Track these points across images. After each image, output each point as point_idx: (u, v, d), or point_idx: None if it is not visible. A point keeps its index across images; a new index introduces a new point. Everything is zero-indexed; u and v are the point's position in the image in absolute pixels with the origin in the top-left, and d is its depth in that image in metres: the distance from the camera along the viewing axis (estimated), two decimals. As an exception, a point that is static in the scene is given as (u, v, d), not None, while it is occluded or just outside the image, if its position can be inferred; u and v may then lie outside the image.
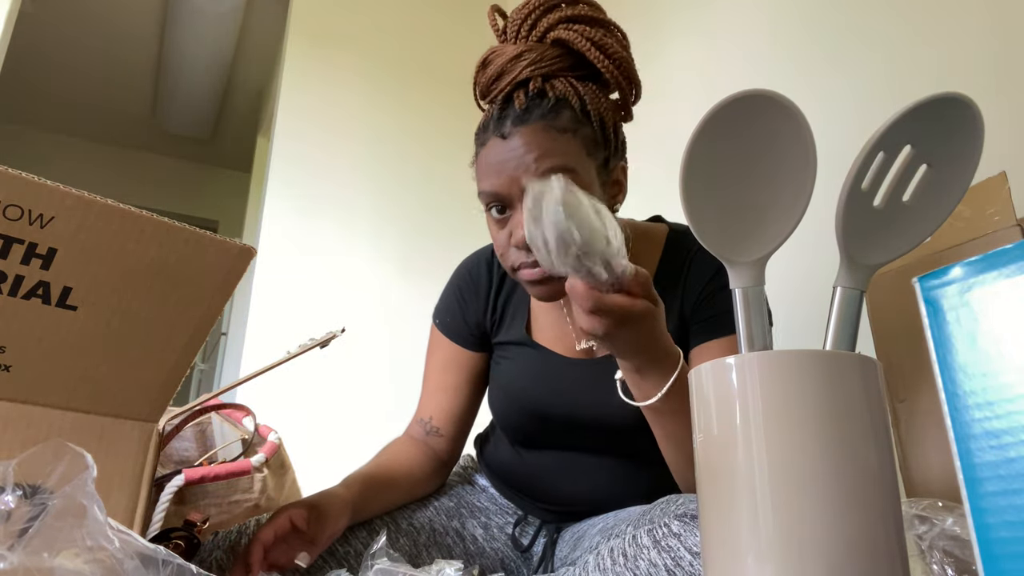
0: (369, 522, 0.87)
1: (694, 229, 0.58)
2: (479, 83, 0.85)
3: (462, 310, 0.98)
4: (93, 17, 3.55)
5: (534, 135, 0.78)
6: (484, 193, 0.82)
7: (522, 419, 0.92)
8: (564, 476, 0.92)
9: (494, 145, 0.80)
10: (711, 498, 0.51)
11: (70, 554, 0.40)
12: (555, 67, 0.80)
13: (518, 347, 0.94)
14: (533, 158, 0.77)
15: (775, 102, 0.55)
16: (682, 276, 0.88)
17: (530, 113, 0.79)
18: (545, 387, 0.90)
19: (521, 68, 0.80)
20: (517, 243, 0.79)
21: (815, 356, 0.50)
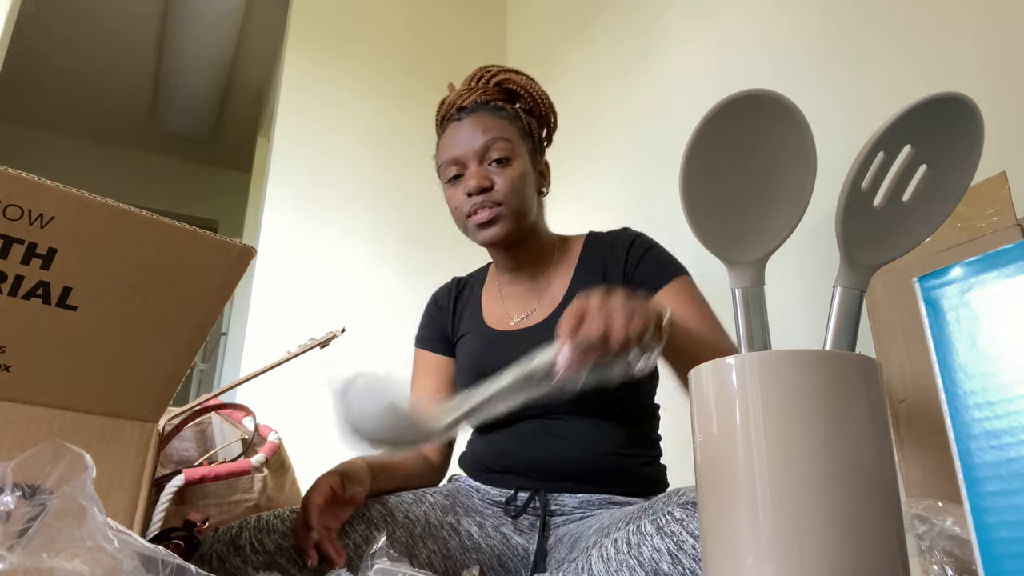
0: (367, 515, 0.88)
1: (694, 229, 0.58)
2: (439, 114, 1.11)
3: (430, 323, 1.18)
4: (93, 17, 3.55)
5: (482, 116, 1.04)
6: (445, 161, 1.04)
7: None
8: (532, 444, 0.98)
9: (452, 127, 1.05)
10: (711, 498, 0.51)
11: (70, 554, 0.40)
12: (498, 98, 1.07)
13: (470, 333, 1.10)
14: (483, 128, 1.02)
15: (775, 102, 0.56)
16: (601, 263, 1.05)
17: (478, 108, 1.05)
18: (489, 356, 1.03)
19: (472, 95, 1.07)
20: (470, 190, 1.01)
21: (815, 356, 0.50)
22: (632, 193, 1.91)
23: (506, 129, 1.03)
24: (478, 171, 1.01)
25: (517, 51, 2.79)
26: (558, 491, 0.96)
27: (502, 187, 1.00)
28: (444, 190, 1.07)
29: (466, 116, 1.04)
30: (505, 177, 1.01)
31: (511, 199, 1.01)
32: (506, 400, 0.72)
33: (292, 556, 0.79)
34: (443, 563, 0.90)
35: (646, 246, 1.04)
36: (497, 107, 1.05)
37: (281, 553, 0.79)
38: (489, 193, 1.00)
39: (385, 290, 2.39)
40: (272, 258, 2.27)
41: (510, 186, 1.01)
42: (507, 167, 1.01)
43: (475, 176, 1.00)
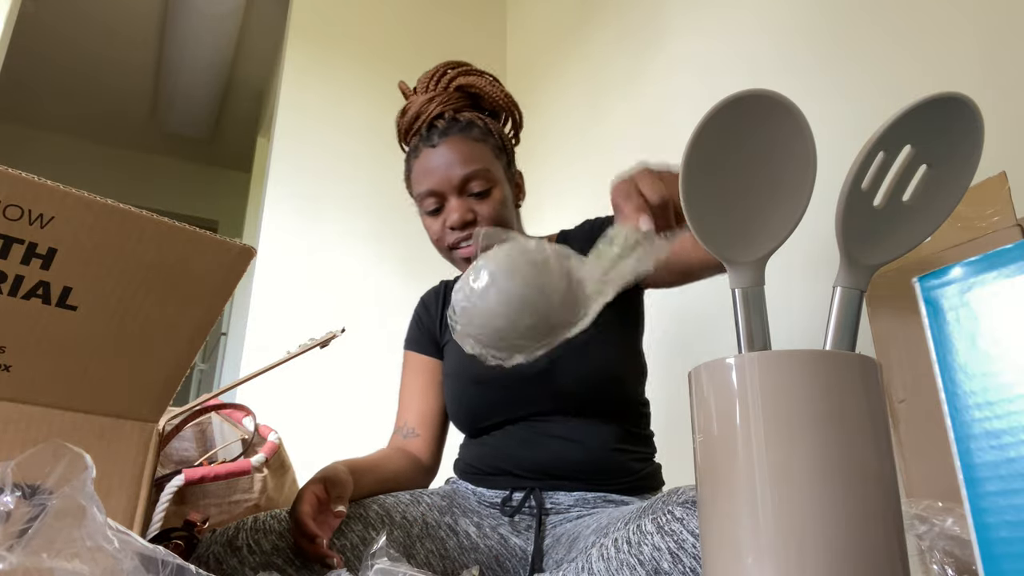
0: (364, 516, 0.88)
1: (694, 229, 0.58)
2: (401, 127, 1.09)
3: (419, 327, 1.19)
4: (93, 17, 3.55)
5: (456, 143, 1.01)
6: (423, 192, 1.03)
7: (464, 391, 1.04)
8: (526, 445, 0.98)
9: (426, 153, 1.03)
10: (711, 498, 0.51)
11: (70, 554, 0.40)
12: (460, 105, 1.05)
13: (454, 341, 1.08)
14: (459, 160, 1.00)
15: (775, 102, 0.55)
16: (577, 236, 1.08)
17: (450, 130, 1.02)
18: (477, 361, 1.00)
19: (435, 106, 1.04)
20: (452, 224, 1.00)
21: (815, 356, 0.50)
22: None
23: (483, 156, 1.02)
24: (459, 204, 1.00)
25: (517, 51, 2.79)
26: (552, 489, 0.96)
27: (486, 218, 1.01)
28: (422, 217, 1.06)
29: (439, 142, 1.01)
30: (487, 207, 1.01)
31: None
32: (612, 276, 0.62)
33: (289, 556, 0.79)
34: (441, 563, 0.90)
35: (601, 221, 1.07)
36: (468, 125, 1.03)
37: (278, 553, 0.79)
38: (472, 226, 1.00)
39: (385, 290, 2.39)
40: (272, 258, 2.27)
41: (493, 216, 1.01)
42: (488, 197, 1.01)
43: (457, 210, 1.00)
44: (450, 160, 1.00)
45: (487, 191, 1.01)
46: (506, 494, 0.99)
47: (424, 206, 1.04)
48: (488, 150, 1.03)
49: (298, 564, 0.79)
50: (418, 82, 1.09)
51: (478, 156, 1.01)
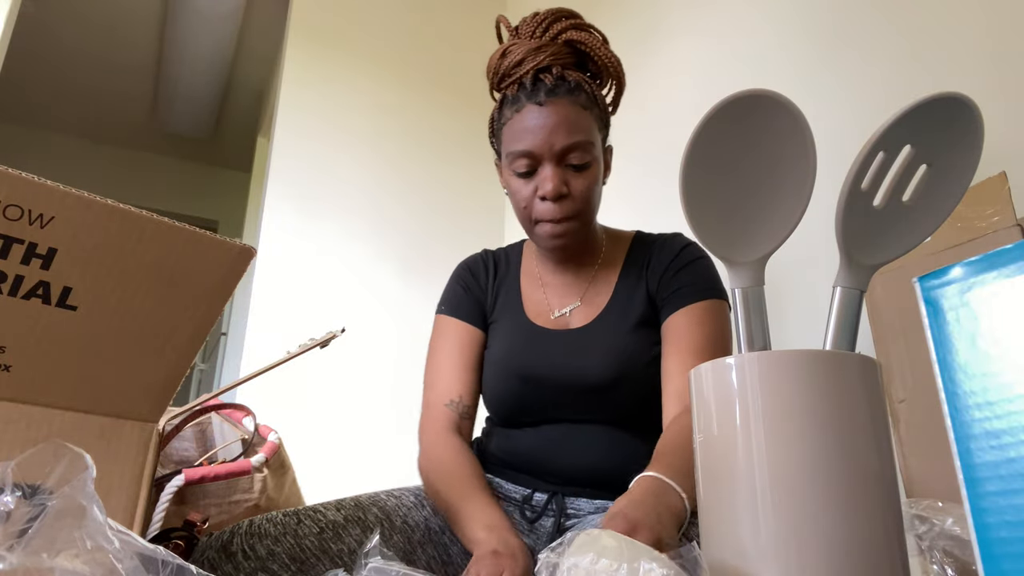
0: (363, 519, 0.87)
1: (693, 229, 0.58)
2: (499, 69, 0.98)
3: (466, 292, 1.09)
4: (93, 17, 3.55)
5: (564, 107, 0.93)
6: (517, 152, 0.95)
7: (509, 385, 0.99)
8: (560, 449, 0.96)
9: (531, 110, 0.94)
10: (711, 498, 0.51)
11: (70, 555, 0.40)
12: (567, 62, 0.97)
13: (507, 322, 1.04)
14: (566, 127, 0.93)
15: (775, 102, 0.55)
16: (646, 264, 1.02)
17: (559, 88, 0.94)
18: (528, 352, 0.99)
19: (543, 58, 0.95)
20: (546, 194, 0.93)
21: (815, 356, 0.50)
22: (632, 193, 1.91)
23: (588, 127, 0.94)
24: (556, 174, 0.93)
25: (517, 51, 2.79)
26: (575, 495, 0.95)
27: (579, 195, 0.94)
28: (508, 177, 0.98)
29: (546, 100, 0.93)
30: (582, 183, 0.94)
31: (586, 208, 0.96)
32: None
33: (284, 561, 0.78)
34: (443, 569, 0.89)
35: (691, 257, 1.00)
36: (576, 88, 0.94)
37: (273, 558, 0.78)
38: (564, 201, 0.94)
39: (385, 290, 2.39)
40: (272, 258, 2.27)
41: (587, 194, 0.95)
42: (585, 172, 0.95)
43: (552, 179, 0.93)
44: (555, 124, 0.92)
45: (586, 165, 0.94)
46: (526, 493, 0.97)
47: (515, 166, 0.96)
48: (593, 121, 0.96)
49: (293, 569, 0.78)
50: (522, 23, 1.00)
51: (584, 126, 0.94)
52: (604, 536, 0.46)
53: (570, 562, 0.45)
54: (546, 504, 0.95)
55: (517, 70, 0.96)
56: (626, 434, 0.95)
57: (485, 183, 2.63)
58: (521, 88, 0.95)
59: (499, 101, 1.00)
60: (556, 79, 0.94)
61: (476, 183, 2.63)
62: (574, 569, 0.44)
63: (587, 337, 0.98)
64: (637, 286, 1.00)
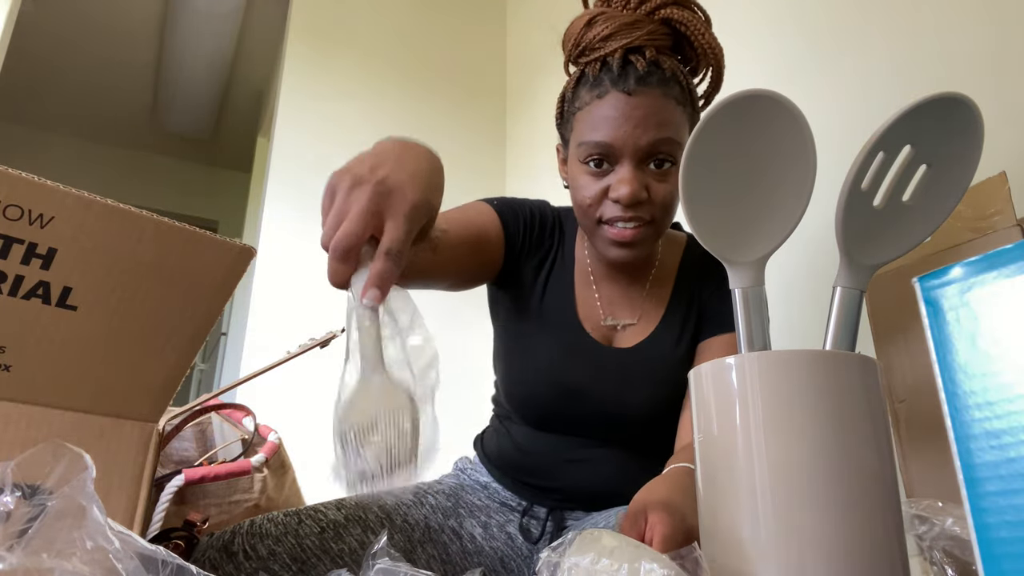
0: (364, 519, 0.87)
1: (693, 229, 0.58)
2: (582, 41, 0.86)
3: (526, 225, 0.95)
4: (93, 17, 3.55)
5: (655, 99, 0.81)
6: (593, 142, 0.82)
7: (549, 392, 0.92)
8: (570, 464, 0.94)
9: (616, 98, 0.81)
10: (711, 498, 0.51)
11: (70, 555, 0.40)
12: (664, 44, 0.84)
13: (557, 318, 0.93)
14: (655, 122, 0.81)
15: (775, 102, 0.56)
16: (704, 271, 0.94)
17: (652, 77, 0.81)
18: (578, 365, 0.91)
19: (637, 35, 0.82)
20: (621, 199, 0.81)
21: (815, 356, 0.50)
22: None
23: (677, 125, 0.83)
24: (636, 176, 0.81)
25: (517, 51, 2.79)
26: (572, 509, 0.95)
27: (660, 202, 0.83)
28: (574, 169, 0.86)
29: (636, 89, 0.80)
30: (664, 189, 0.83)
31: (662, 217, 0.84)
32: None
33: (285, 561, 0.79)
34: (442, 568, 0.89)
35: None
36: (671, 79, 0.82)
37: (274, 558, 0.78)
38: (641, 206, 0.82)
39: (385, 290, 2.39)
40: (272, 258, 2.27)
41: (668, 200, 0.83)
42: (667, 178, 0.83)
43: (631, 183, 0.81)
44: (644, 117, 0.80)
45: (669, 170, 0.83)
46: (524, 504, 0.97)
47: (584, 153, 0.83)
48: (685, 119, 0.84)
49: (294, 569, 0.79)
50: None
51: (675, 123, 0.82)
52: (605, 536, 0.46)
53: (571, 562, 0.45)
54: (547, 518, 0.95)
55: (604, 45, 0.83)
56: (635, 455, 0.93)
57: (485, 184, 2.63)
58: (605, 69, 0.83)
59: (575, 78, 0.88)
60: (649, 64, 0.81)
61: (476, 184, 2.63)
62: (575, 569, 0.44)
63: (637, 363, 0.90)
64: (690, 306, 0.93)
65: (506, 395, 0.99)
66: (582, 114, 0.85)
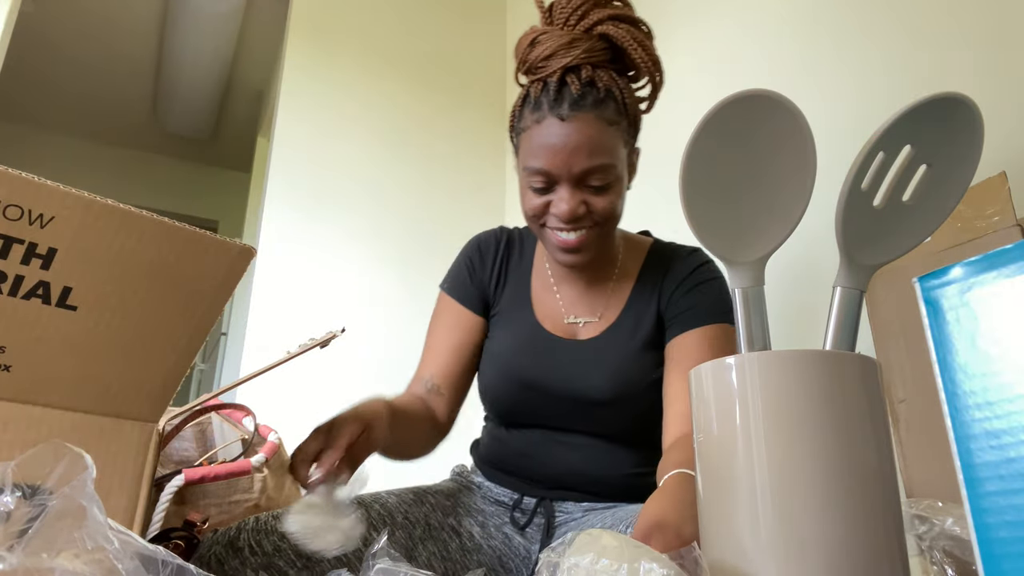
0: (366, 516, 0.88)
1: (693, 229, 0.58)
2: (526, 59, 0.91)
3: (470, 274, 1.05)
4: (93, 17, 3.55)
5: (588, 124, 0.86)
6: (534, 168, 0.89)
7: (510, 387, 0.98)
8: (550, 454, 0.96)
9: (551, 125, 0.87)
10: (711, 498, 0.51)
11: (70, 555, 0.40)
12: (600, 59, 0.88)
13: (514, 318, 1.01)
14: (586, 149, 0.86)
15: (775, 102, 0.55)
16: (661, 279, 0.98)
17: (585, 100, 0.86)
18: (532, 358, 0.97)
19: (575, 55, 0.87)
20: (561, 216, 0.88)
21: (815, 356, 0.50)
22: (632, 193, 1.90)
23: (612, 146, 0.88)
24: (572, 196, 0.88)
25: (517, 51, 2.79)
26: (562, 499, 0.96)
27: (598, 213, 0.89)
28: (521, 183, 0.93)
29: (570, 115, 0.85)
30: (601, 203, 0.89)
31: (604, 223, 0.91)
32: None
33: (290, 558, 0.79)
34: (443, 565, 0.90)
35: (705, 278, 0.96)
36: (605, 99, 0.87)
37: (279, 554, 0.79)
38: (581, 220, 0.89)
39: (384, 289, 2.39)
40: (272, 258, 2.27)
41: (607, 212, 0.90)
42: (606, 192, 0.89)
43: (568, 202, 0.87)
44: (576, 145, 0.85)
45: (606, 186, 0.89)
46: (515, 497, 0.98)
47: (529, 180, 0.90)
48: (619, 135, 0.89)
49: (299, 565, 0.79)
50: (556, 4, 0.90)
51: (606, 146, 0.87)
52: (604, 536, 0.46)
53: (571, 562, 0.45)
54: (535, 508, 0.96)
55: (545, 65, 0.88)
56: (613, 445, 0.96)
57: (485, 182, 2.63)
58: (544, 92, 0.88)
59: (521, 97, 0.93)
60: (584, 85, 0.86)
61: (476, 183, 2.63)
62: (574, 569, 0.44)
63: (594, 352, 0.96)
64: (649, 302, 0.97)
65: (481, 394, 1.04)
66: (525, 136, 0.91)
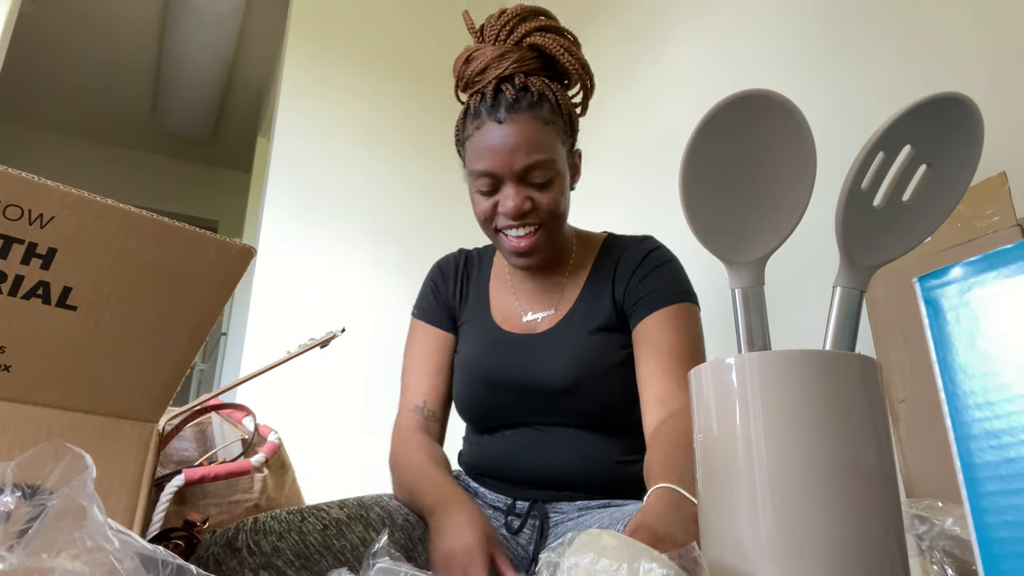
0: (365, 517, 0.88)
1: (693, 229, 0.58)
2: (463, 76, 0.97)
3: (435, 296, 1.10)
4: (93, 17, 3.55)
5: (525, 124, 0.92)
6: (478, 171, 0.94)
7: (475, 389, 1.01)
8: (532, 453, 0.97)
9: (491, 128, 0.93)
10: (711, 498, 0.51)
11: (70, 555, 0.40)
12: (532, 67, 0.94)
13: (475, 325, 1.06)
14: (525, 147, 0.91)
15: (775, 102, 0.55)
16: (614, 269, 1.01)
17: (520, 103, 0.92)
18: (492, 358, 1.01)
19: (506, 65, 0.93)
20: (508, 213, 0.93)
21: (815, 356, 0.50)
22: (632, 193, 1.90)
23: (550, 142, 0.93)
24: (517, 192, 0.93)
25: (517, 51, 2.79)
26: (554, 500, 0.96)
27: (543, 209, 0.94)
28: (470, 190, 0.99)
29: (507, 118, 0.91)
30: (546, 198, 0.94)
31: (550, 220, 0.95)
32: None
33: (288, 557, 0.79)
34: None
35: (659, 262, 0.99)
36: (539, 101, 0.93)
37: (278, 555, 0.79)
38: (528, 216, 0.94)
39: (384, 289, 2.39)
40: (272, 258, 2.27)
41: (551, 208, 0.94)
42: (548, 187, 0.94)
43: (514, 198, 0.92)
44: (515, 144, 0.91)
45: (548, 181, 0.94)
46: (508, 502, 0.98)
47: (476, 184, 0.96)
48: (556, 134, 0.94)
49: (297, 565, 0.79)
50: (487, 22, 0.97)
51: (545, 143, 0.92)
52: (604, 536, 0.46)
53: (571, 562, 0.45)
54: (528, 512, 0.96)
55: (480, 79, 0.94)
56: (592, 435, 0.96)
57: (485, 183, 2.63)
58: (483, 101, 0.94)
59: (463, 111, 0.99)
60: (518, 91, 0.92)
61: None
62: (574, 569, 0.44)
63: (548, 342, 0.99)
64: (603, 291, 1.00)
65: (456, 407, 1.07)
66: (469, 144, 0.96)
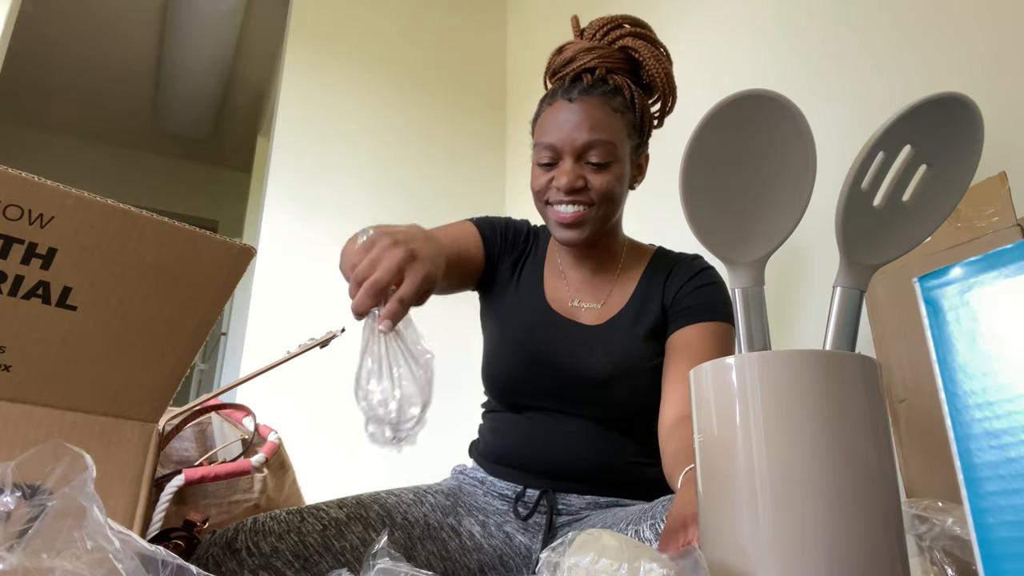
0: (365, 517, 0.88)
1: (693, 229, 0.58)
2: (552, 64, 1.04)
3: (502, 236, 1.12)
4: (93, 17, 3.55)
5: (592, 106, 0.96)
6: (542, 143, 0.99)
7: (513, 362, 1.02)
8: (549, 440, 0.98)
9: (561, 106, 0.98)
10: (711, 498, 0.51)
11: (70, 555, 0.40)
12: (616, 66, 1.00)
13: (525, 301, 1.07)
14: (588, 125, 0.95)
15: (775, 102, 0.56)
16: (665, 278, 1.04)
17: (594, 89, 0.97)
18: (539, 335, 1.03)
19: (591, 58, 0.99)
20: (560, 187, 0.96)
21: (815, 356, 0.50)
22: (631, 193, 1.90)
23: (613, 128, 0.96)
24: (572, 169, 0.96)
25: (517, 51, 2.79)
26: (565, 491, 0.96)
27: (595, 190, 0.96)
28: (533, 162, 1.02)
29: (577, 98, 0.96)
30: (600, 180, 0.96)
31: (601, 203, 0.97)
32: None
33: (287, 558, 0.79)
34: (442, 564, 0.90)
35: (705, 281, 1.02)
36: (614, 91, 0.97)
37: (277, 556, 0.79)
38: (579, 193, 0.96)
39: (385, 290, 2.39)
40: (272, 258, 2.27)
41: (604, 190, 0.97)
42: (604, 171, 0.97)
43: (568, 174, 0.95)
44: (579, 121, 0.95)
45: (605, 164, 0.96)
46: (518, 489, 0.98)
47: (539, 157, 1.00)
48: (623, 124, 0.98)
49: (297, 566, 0.79)
50: (588, 26, 1.03)
51: (609, 126, 0.96)
52: (605, 536, 0.46)
53: (571, 561, 0.45)
54: (538, 500, 0.96)
55: (566, 68, 1.00)
56: (611, 432, 0.97)
57: (484, 182, 2.63)
58: (561, 85, 1.00)
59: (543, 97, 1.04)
60: (595, 80, 0.97)
61: (476, 183, 2.63)
62: (575, 568, 0.44)
63: (598, 335, 1.01)
64: (654, 298, 1.02)
65: (484, 377, 1.07)
66: (538, 121, 1.02)
